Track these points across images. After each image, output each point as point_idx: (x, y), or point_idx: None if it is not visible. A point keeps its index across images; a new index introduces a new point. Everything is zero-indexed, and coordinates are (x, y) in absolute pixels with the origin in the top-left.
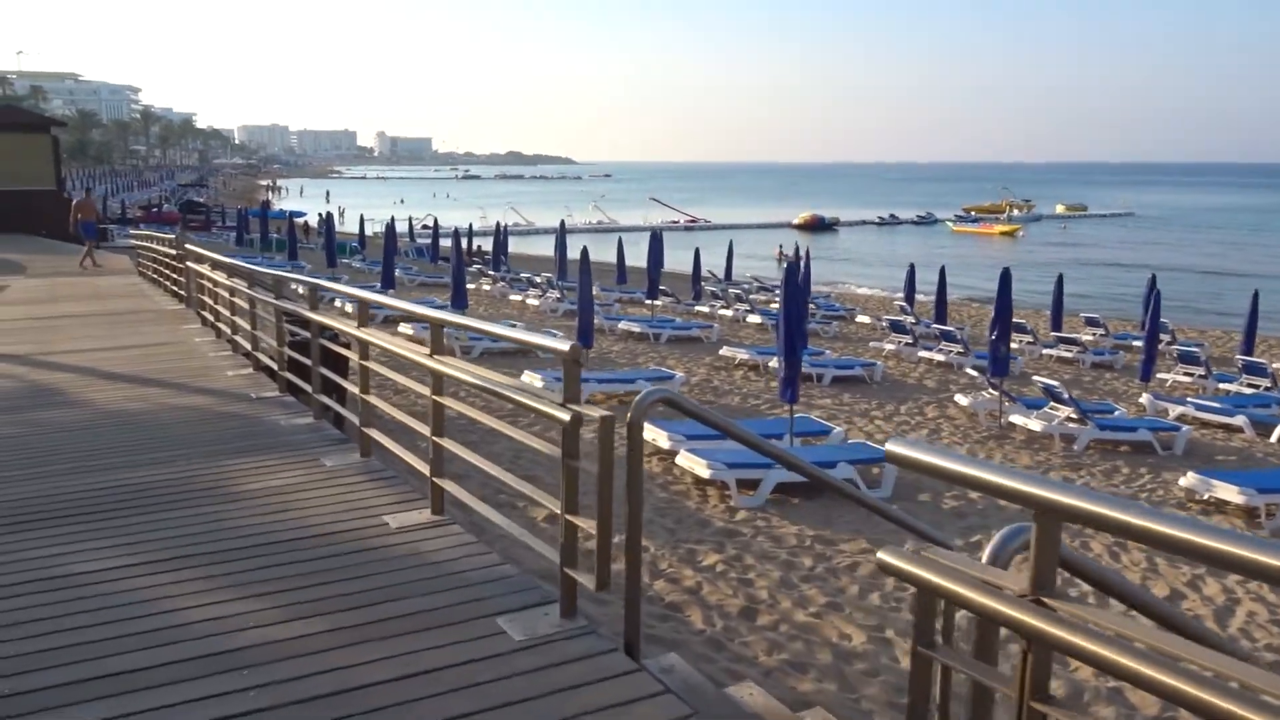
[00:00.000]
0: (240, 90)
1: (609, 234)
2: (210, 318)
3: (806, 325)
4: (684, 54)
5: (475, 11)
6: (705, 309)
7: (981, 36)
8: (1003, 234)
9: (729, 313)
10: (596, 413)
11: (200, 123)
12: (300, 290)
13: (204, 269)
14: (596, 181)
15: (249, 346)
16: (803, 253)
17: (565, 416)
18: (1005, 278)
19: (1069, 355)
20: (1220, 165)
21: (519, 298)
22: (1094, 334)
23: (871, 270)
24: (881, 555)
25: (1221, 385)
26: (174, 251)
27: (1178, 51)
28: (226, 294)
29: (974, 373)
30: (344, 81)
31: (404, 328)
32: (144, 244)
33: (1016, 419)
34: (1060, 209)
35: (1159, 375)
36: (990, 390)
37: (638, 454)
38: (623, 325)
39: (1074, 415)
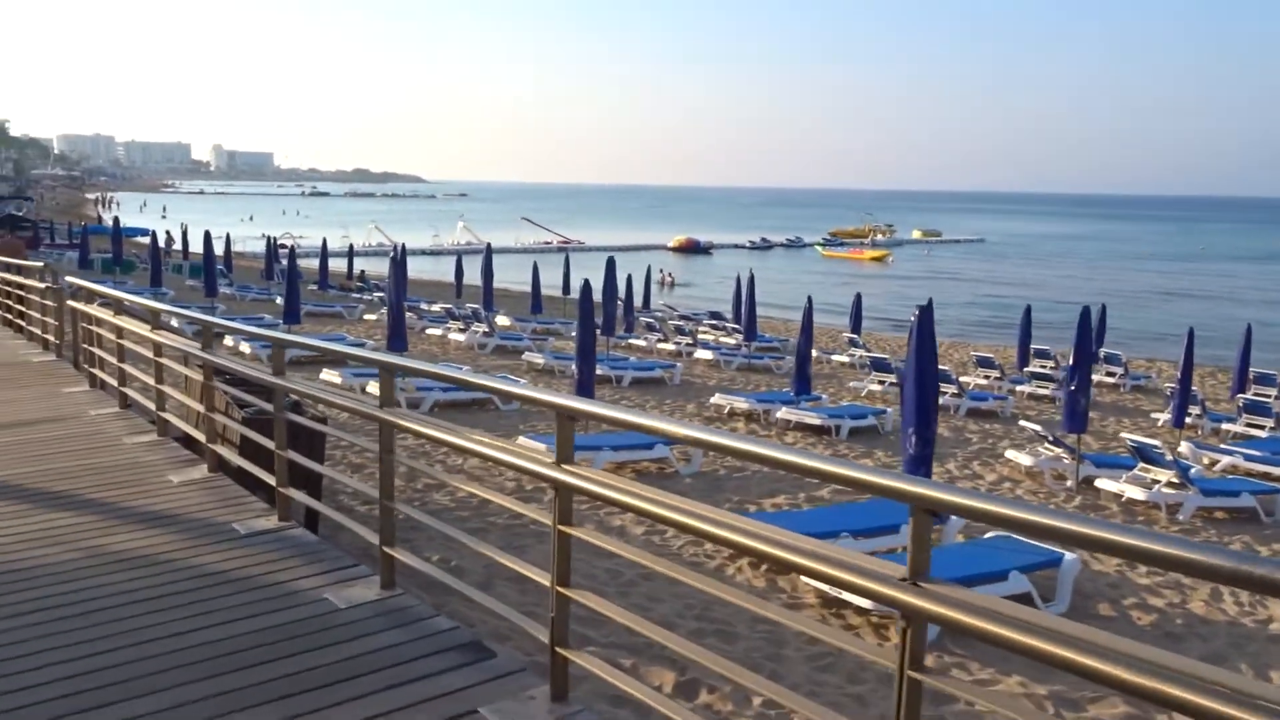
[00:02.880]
0: (59, 96)
1: (481, 256)
2: (108, 378)
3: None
4: (536, 72)
5: (319, 22)
6: (641, 342)
7: (827, 67)
8: (873, 259)
9: (669, 346)
10: None
11: (14, 130)
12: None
13: (100, 312)
14: (452, 200)
15: (199, 435)
16: (679, 276)
17: None
18: (1085, 317)
19: (1044, 392)
20: (1033, 195)
21: (437, 331)
22: (1043, 367)
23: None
24: None
25: (1224, 426)
26: (40, 285)
27: (1003, 87)
28: (149, 351)
29: (1032, 426)
30: (176, 91)
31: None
32: None
33: (1106, 484)
34: (917, 234)
35: (1152, 414)
36: (1049, 446)
37: None
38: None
39: (1175, 479)
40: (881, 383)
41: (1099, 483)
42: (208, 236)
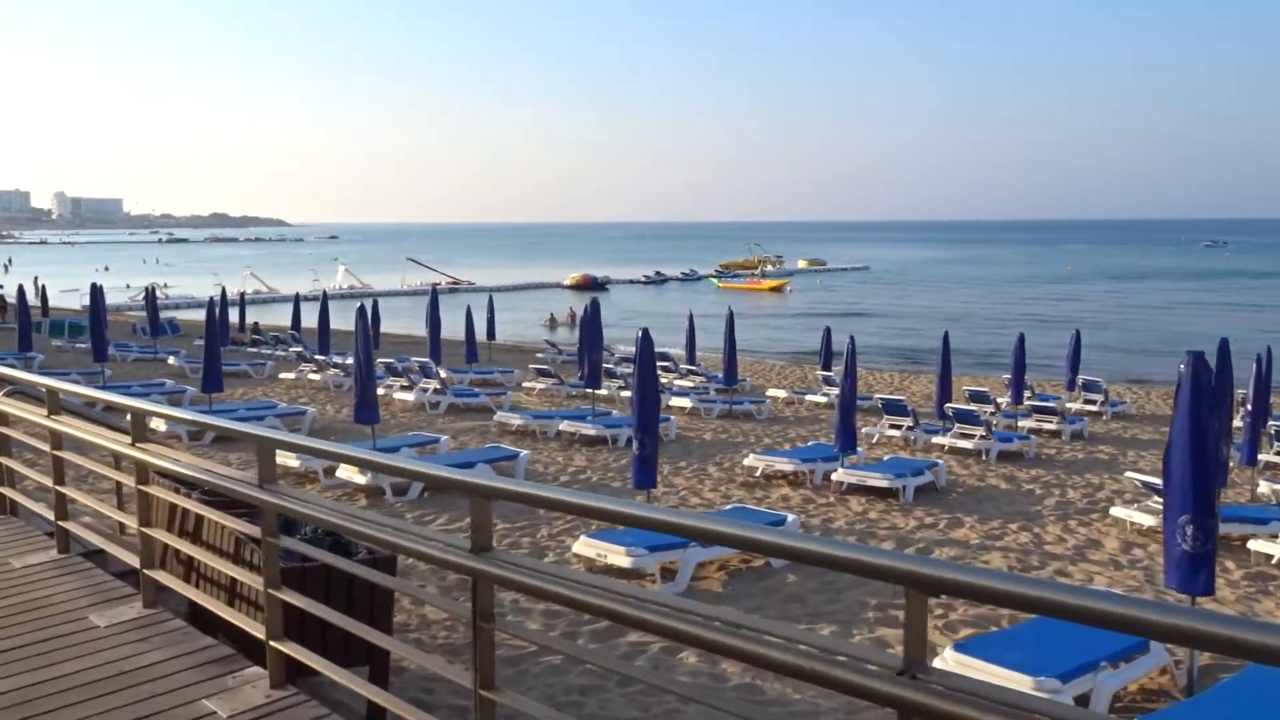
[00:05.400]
0: None
1: (383, 299)
2: (28, 502)
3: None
4: (396, 111)
5: (165, 63)
6: (603, 390)
7: (682, 107)
8: (771, 289)
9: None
10: None
11: None
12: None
13: (18, 408)
14: (322, 243)
15: (218, 608)
16: (581, 314)
17: None
18: (1224, 352)
19: (1049, 427)
20: (894, 223)
21: (379, 391)
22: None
23: (664, 331)
24: None
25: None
26: None
27: (854, 119)
28: (127, 478)
29: (1139, 476)
30: (10, 135)
31: (344, 472)
32: None
33: (1262, 546)
34: (803, 263)
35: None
36: (1159, 500)
37: None
38: (564, 426)
39: None
40: (897, 427)
41: (1253, 544)
42: (95, 291)
